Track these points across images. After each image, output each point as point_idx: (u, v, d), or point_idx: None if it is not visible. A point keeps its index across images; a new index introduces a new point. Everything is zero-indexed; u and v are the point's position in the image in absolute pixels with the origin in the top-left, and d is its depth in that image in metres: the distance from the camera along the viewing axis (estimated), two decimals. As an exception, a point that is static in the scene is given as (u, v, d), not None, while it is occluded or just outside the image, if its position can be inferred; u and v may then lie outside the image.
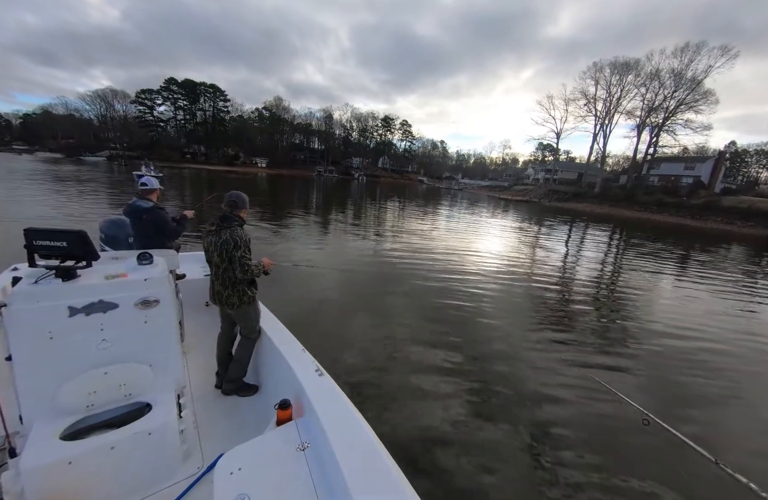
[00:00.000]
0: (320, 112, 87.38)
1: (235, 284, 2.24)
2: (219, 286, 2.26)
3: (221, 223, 2.19)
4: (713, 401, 3.64)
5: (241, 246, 2.12)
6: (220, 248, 2.14)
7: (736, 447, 2.96)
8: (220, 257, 2.16)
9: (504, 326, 5.00)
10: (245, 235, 2.18)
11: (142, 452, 1.55)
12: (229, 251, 2.12)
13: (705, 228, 27.40)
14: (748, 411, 3.52)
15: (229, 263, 2.16)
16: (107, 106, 71.47)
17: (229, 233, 2.13)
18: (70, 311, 1.54)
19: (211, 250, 2.20)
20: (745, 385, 4.00)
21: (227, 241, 2.12)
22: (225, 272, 2.20)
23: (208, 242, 2.21)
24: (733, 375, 4.19)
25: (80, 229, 1.57)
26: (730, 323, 6.00)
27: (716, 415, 3.41)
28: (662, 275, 9.53)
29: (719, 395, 3.75)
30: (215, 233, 2.18)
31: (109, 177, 26.60)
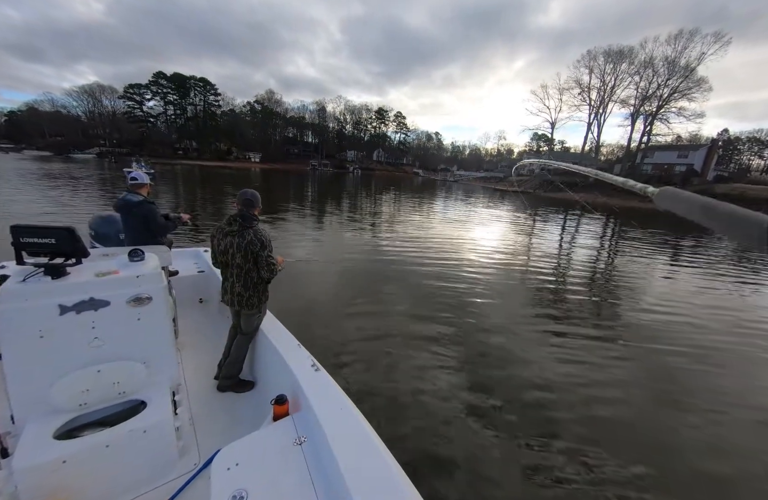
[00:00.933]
0: (313, 105, 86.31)
1: (257, 285, 2.24)
2: (240, 288, 2.20)
3: (243, 223, 2.13)
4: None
5: (267, 246, 2.12)
6: (245, 249, 2.10)
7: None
8: (244, 258, 2.12)
9: (501, 311, 5.06)
10: (267, 234, 2.19)
11: (138, 450, 1.55)
12: (255, 251, 2.10)
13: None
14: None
15: (254, 263, 2.14)
16: (95, 101, 69.98)
17: (253, 234, 2.11)
18: (61, 310, 1.52)
19: (233, 252, 2.12)
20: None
21: (253, 242, 2.09)
22: (248, 273, 2.17)
23: (228, 244, 2.13)
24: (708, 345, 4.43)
25: (69, 225, 1.54)
26: (706, 299, 6.10)
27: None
28: (653, 261, 9.63)
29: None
30: (238, 233, 2.11)
31: (99, 174, 26.16)
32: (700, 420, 3.12)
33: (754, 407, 3.38)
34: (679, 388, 3.60)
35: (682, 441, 2.84)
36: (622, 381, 3.64)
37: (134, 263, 1.81)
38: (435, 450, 2.53)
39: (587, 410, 3.13)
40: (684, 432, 2.95)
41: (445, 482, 2.28)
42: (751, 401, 3.49)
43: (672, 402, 3.37)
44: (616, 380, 3.64)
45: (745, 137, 69.04)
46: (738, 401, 3.46)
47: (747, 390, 3.68)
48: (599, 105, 45.64)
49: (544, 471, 2.42)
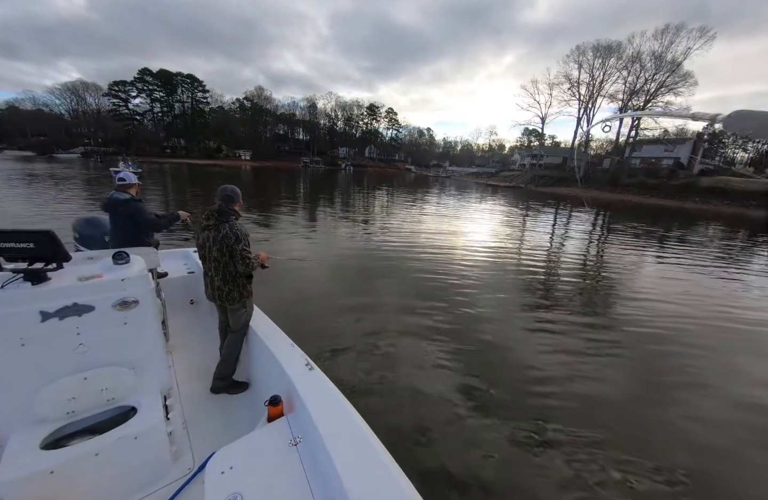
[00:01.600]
0: (304, 101, 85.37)
1: (236, 279, 2.24)
2: (219, 282, 2.23)
3: (219, 217, 2.16)
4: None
5: (242, 240, 2.13)
6: (220, 243, 2.12)
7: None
8: (220, 251, 2.15)
9: (494, 302, 5.11)
10: (244, 228, 2.19)
11: (129, 457, 1.52)
12: (230, 245, 2.12)
13: (684, 208, 28.13)
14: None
15: (230, 257, 2.16)
16: (78, 99, 68.11)
17: (228, 227, 2.13)
18: (42, 316, 1.47)
19: (209, 245, 2.16)
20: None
21: (228, 235, 2.11)
22: (226, 267, 2.20)
23: (205, 238, 2.17)
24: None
25: (48, 229, 1.49)
26: (686, 288, 6.25)
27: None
28: (641, 252, 9.80)
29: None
30: (213, 227, 2.15)
31: (84, 174, 25.56)
32: (680, 407, 3.20)
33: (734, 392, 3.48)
34: (664, 370, 3.69)
35: (663, 424, 2.91)
36: (611, 364, 3.71)
37: (119, 266, 1.76)
38: (434, 447, 2.55)
39: (576, 390, 3.19)
40: (662, 413, 3.02)
41: (444, 482, 2.29)
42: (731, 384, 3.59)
43: (656, 385, 3.45)
44: (605, 363, 3.71)
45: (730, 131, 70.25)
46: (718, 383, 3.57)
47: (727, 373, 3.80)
48: (588, 100, 46.06)
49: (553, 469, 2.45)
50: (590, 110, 46.39)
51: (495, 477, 2.33)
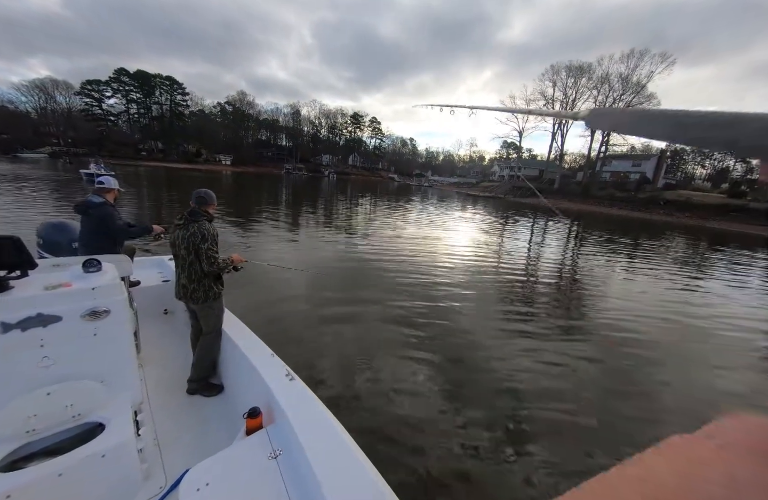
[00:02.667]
0: (288, 107, 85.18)
1: (201, 279, 2.25)
2: (185, 279, 2.26)
3: (189, 217, 2.21)
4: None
5: (207, 239, 2.17)
6: (187, 241, 2.17)
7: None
8: (186, 250, 2.18)
9: (474, 309, 5.20)
10: (212, 229, 2.25)
11: (96, 476, 1.43)
12: (196, 244, 2.15)
13: (650, 219, 29.90)
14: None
15: (196, 256, 2.19)
16: (47, 97, 64.97)
17: (196, 227, 2.18)
18: (3, 328, 1.38)
19: (178, 244, 2.21)
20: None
21: (194, 234, 2.16)
22: (191, 266, 2.22)
23: (175, 236, 2.23)
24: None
25: (12, 234, 1.42)
26: (649, 295, 6.64)
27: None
28: (609, 260, 10.29)
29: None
30: (183, 226, 2.21)
31: (51, 176, 24.24)
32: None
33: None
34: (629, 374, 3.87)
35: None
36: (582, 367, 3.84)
37: (90, 274, 1.68)
38: (417, 457, 2.53)
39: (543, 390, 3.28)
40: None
41: (427, 492, 2.28)
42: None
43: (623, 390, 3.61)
44: (575, 365, 3.84)
45: (689, 148, 75.80)
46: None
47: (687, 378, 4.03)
48: (562, 116, 48.44)
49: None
50: (564, 126, 48.85)
51: (477, 487, 2.34)
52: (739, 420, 0.26)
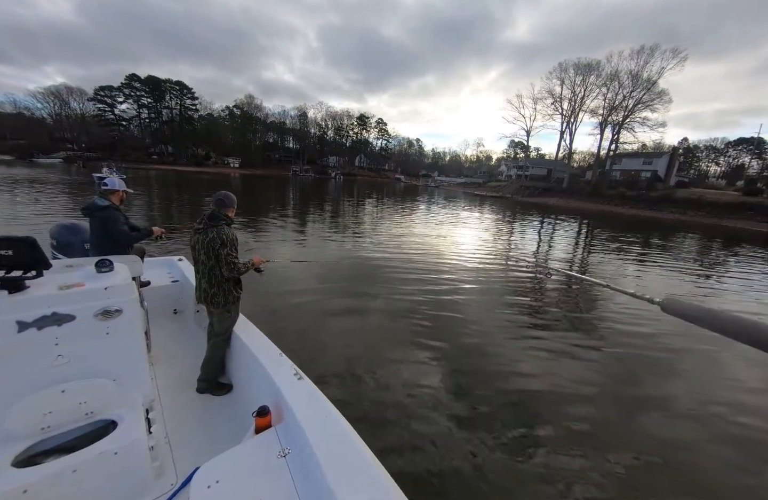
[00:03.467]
0: (294, 110, 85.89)
1: (221, 283, 2.26)
2: (205, 284, 2.26)
3: (208, 221, 2.20)
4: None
5: (227, 244, 2.16)
6: (207, 247, 2.16)
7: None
8: (206, 255, 2.18)
9: (482, 310, 5.14)
10: (232, 234, 2.24)
11: (109, 473, 1.45)
12: (216, 249, 2.15)
13: (662, 218, 29.26)
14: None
15: (216, 261, 2.19)
16: (62, 103, 66.69)
17: (216, 232, 2.16)
18: (19, 327, 1.42)
19: (198, 248, 2.21)
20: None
21: (214, 239, 2.14)
22: (212, 271, 2.22)
23: (195, 241, 2.23)
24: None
25: (27, 235, 1.45)
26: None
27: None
28: (622, 259, 10.09)
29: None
30: (202, 231, 2.20)
31: (66, 180, 24.86)
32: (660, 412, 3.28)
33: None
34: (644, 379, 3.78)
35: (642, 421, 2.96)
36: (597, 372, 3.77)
37: (102, 274, 1.72)
38: (426, 457, 2.52)
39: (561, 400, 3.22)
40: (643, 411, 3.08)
41: (436, 493, 2.26)
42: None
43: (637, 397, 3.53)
44: (591, 372, 3.77)
45: (702, 145, 74.18)
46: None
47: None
48: (571, 114, 47.81)
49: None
50: (572, 124, 48.23)
51: (487, 487, 2.31)
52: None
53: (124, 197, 3.14)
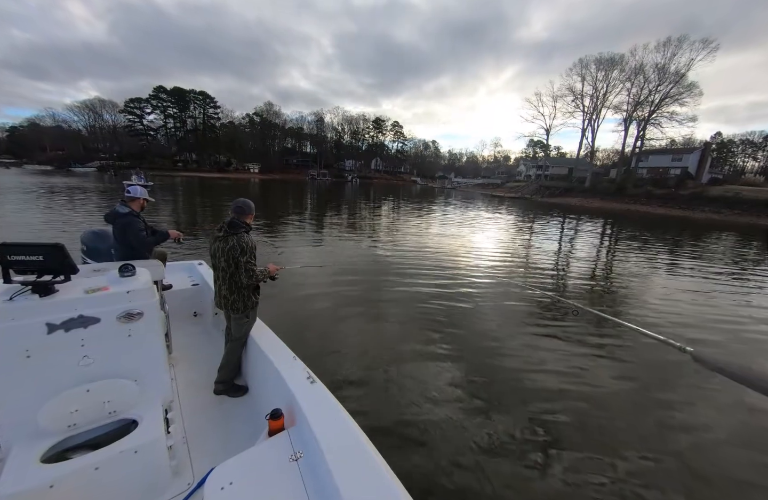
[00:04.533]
0: (312, 116, 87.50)
1: (241, 290, 2.32)
2: (225, 291, 2.32)
3: (229, 229, 2.24)
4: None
5: (247, 252, 2.20)
6: (227, 254, 2.20)
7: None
8: (227, 262, 2.22)
9: (500, 317, 5.02)
10: (251, 241, 2.28)
11: (129, 471, 1.51)
12: (236, 257, 2.19)
13: (693, 218, 27.71)
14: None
15: (236, 268, 2.24)
16: (95, 116, 70.99)
17: (236, 240, 2.20)
18: (49, 328, 1.49)
19: (218, 255, 2.26)
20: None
21: (234, 247, 2.18)
22: (232, 278, 2.27)
23: (215, 248, 2.28)
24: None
25: (57, 242, 1.53)
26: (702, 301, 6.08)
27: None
28: (650, 264, 9.60)
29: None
30: (223, 239, 2.24)
31: (99, 187, 26.34)
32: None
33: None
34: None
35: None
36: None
37: (125, 278, 1.79)
38: (437, 464, 2.47)
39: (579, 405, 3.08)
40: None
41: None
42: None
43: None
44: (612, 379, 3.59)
45: (738, 139, 69.87)
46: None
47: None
48: (592, 111, 46.30)
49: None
50: (594, 121, 46.66)
51: (500, 495, 2.24)
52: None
53: (145, 205, 3.25)
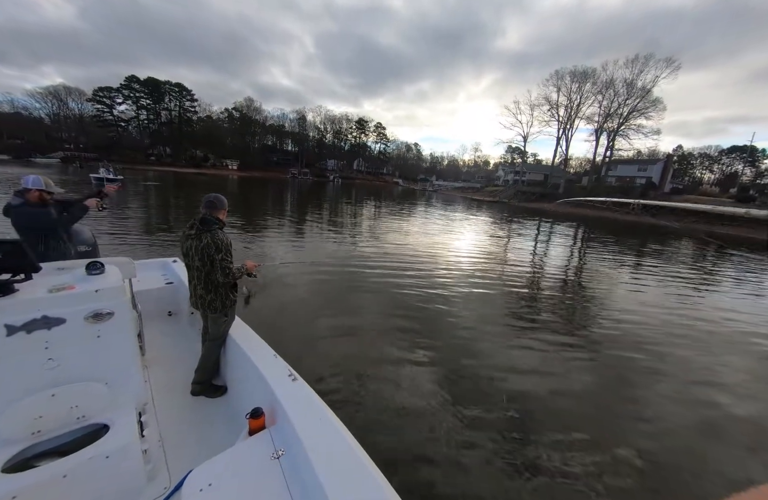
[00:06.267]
0: (293, 113, 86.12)
1: (217, 288, 2.26)
2: (201, 290, 2.25)
3: (201, 226, 2.16)
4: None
5: (222, 250, 2.14)
6: (201, 253, 2.14)
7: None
8: (201, 261, 2.16)
9: (476, 316, 5.16)
10: (226, 238, 2.21)
11: (101, 478, 1.44)
12: (211, 254, 2.13)
13: (657, 225, 29.57)
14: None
15: (211, 266, 2.17)
16: (60, 104, 66.38)
17: (210, 237, 2.13)
18: (8, 330, 1.41)
19: (192, 254, 2.18)
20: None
21: (209, 245, 2.12)
22: (207, 276, 2.21)
23: (188, 247, 2.19)
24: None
25: (15, 238, 1.45)
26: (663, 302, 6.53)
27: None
28: (617, 264, 10.18)
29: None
30: (196, 236, 2.16)
31: (63, 180, 24.71)
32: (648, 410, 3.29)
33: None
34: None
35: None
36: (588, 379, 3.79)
37: (92, 276, 1.71)
38: (420, 459, 2.51)
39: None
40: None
41: (430, 494, 2.26)
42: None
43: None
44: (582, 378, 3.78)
45: (697, 152, 75.09)
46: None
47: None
48: (567, 121, 48.41)
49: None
50: (568, 131, 48.82)
51: (485, 490, 2.31)
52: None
53: (44, 197, 2.80)
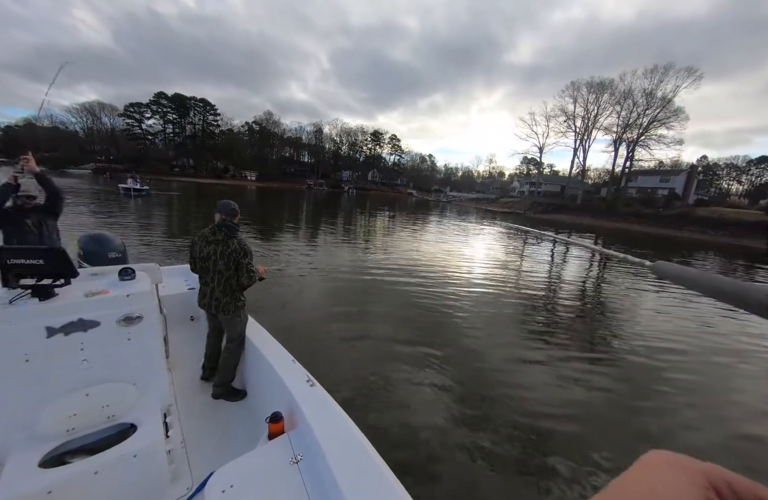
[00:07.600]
0: (310, 126, 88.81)
1: (234, 292, 2.36)
2: (219, 293, 2.34)
3: (228, 233, 2.27)
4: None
5: (249, 254, 2.29)
6: (228, 257, 2.25)
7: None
8: (226, 265, 2.26)
9: (491, 330, 5.06)
10: (248, 244, 2.36)
11: (128, 475, 1.49)
12: (238, 259, 2.25)
13: (680, 237, 28.46)
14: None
15: (235, 270, 2.28)
16: (94, 119, 71.08)
17: (237, 243, 2.27)
18: (48, 332, 1.49)
19: (215, 259, 2.27)
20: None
21: (237, 250, 2.26)
22: (228, 280, 2.31)
23: (210, 251, 2.28)
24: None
25: (57, 246, 1.55)
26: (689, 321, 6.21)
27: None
28: (639, 280, 9.81)
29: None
30: (222, 242, 2.27)
31: (93, 189, 26.09)
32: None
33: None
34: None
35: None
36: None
37: (124, 281, 1.81)
38: (437, 467, 2.46)
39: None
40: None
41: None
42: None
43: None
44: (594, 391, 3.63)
45: (723, 163, 72.68)
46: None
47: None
48: (584, 132, 47.92)
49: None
50: (586, 141, 48.23)
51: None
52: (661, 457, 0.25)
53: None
